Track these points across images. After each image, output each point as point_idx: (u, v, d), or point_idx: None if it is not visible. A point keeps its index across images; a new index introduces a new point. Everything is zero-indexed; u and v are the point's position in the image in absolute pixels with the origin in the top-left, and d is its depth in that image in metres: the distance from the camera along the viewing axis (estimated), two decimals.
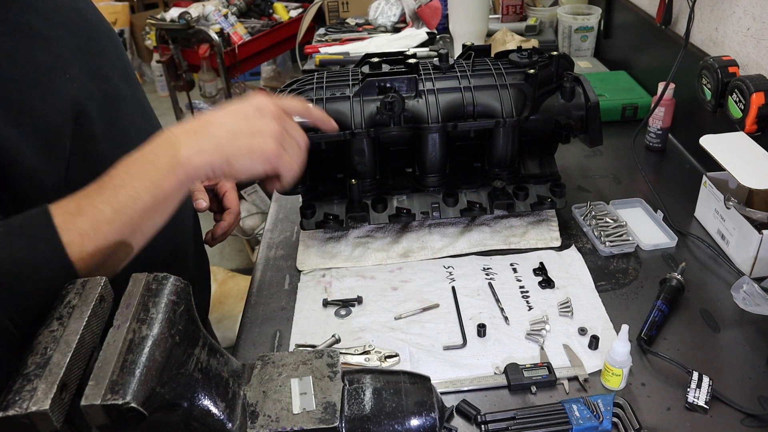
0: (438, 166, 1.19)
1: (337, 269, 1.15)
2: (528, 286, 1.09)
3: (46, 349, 0.57)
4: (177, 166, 0.71)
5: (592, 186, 1.37)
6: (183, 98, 3.46)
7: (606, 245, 1.15)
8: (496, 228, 1.22)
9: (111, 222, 0.67)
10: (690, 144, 1.46)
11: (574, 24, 1.97)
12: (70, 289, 0.63)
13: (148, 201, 0.69)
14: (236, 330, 1.05)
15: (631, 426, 0.82)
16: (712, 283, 1.08)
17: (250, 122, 0.76)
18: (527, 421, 0.83)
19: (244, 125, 0.75)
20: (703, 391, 0.86)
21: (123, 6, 5.01)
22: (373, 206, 1.19)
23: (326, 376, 0.68)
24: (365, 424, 0.67)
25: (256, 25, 3.32)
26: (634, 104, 1.61)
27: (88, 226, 0.66)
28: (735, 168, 1.05)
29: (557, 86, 1.18)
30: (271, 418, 0.64)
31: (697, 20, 1.42)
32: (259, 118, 0.77)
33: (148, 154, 0.72)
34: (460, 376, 0.92)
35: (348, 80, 1.15)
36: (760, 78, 1.13)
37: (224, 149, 0.73)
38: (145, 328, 0.59)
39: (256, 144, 0.75)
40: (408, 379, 0.72)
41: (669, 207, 1.25)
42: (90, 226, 0.66)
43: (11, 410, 0.52)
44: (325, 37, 2.30)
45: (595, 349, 0.95)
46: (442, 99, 1.12)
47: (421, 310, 1.04)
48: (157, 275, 0.65)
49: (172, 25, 3.02)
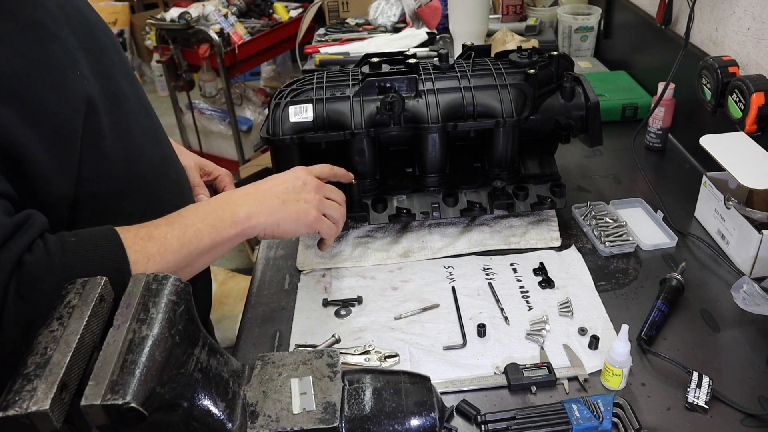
0: (438, 166, 1.19)
1: (337, 269, 1.15)
2: (528, 286, 1.09)
3: (46, 349, 0.57)
4: (236, 221, 0.85)
5: (592, 186, 1.37)
6: (183, 98, 3.46)
7: (606, 245, 1.15)
8: (496, 228, 1.22)
9: (176, 253, 0.78)
10: (690, 144, 1.46)
11: (574, 24, 1.97)
12: (70, 289, 0.63)
13: (207, 243, 0.82)
14: (236, 330, 1.05)
15: (631, 426, 0.82)
16: (712, 283, 1.08)
17: (296, 193, 0.93)
18: (527, 421, 0.83)
19: (291, 196, 0.92)
20: (703, 391, 0.86)
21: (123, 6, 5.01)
22: (373, 206, 1.19)
23: (326, 376, 0.68)
24: (365, 424, 0.67)
25: (256, 25, 3.31)
26: (634, 104, 1.61)
27: (155, 251, 0.76)
28: (735, 168, 1.05)
29: (557, 86, 1.18)
30: (271, 418, 0.64)
31: (697, 20, 1.42)
32: (302, 190, 0.93)
33: (213, 206, 0.86)
34: (460, 376, 0.92)
35: (348, 80, 1.15)
36: (760, 78, 1.13)
37: (275, 214, 0.89)
38: (145, 328, 0.59)
39: (301, 211, 0.92)
40: (408, 379, 0.72)
41: (669, 207, 1.25)
42: (157, 252, 0.76)
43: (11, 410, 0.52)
44: (325, 37, 2.30)
45: (595, 349, 0.95)
46: (442, 99, 1.12)
47: (421, 310, 1.04)
48: (157, 275, 0.65)
49: (172, 25, 3.02)
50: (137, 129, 0.91)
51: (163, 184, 0.96)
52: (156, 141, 0.97)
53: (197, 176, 1.11)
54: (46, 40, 0.77)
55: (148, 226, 0.79)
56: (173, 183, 0.99)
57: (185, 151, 1.13)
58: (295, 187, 0.93)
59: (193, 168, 1.11)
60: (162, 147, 0.98)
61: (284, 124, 1.10)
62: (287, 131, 1.10)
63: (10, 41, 0.73)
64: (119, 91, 0.89)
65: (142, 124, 0.93)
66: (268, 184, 0.93)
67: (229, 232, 0.84)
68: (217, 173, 1.16)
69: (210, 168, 1.15)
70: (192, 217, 0.83)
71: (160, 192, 0.95)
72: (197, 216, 0.83)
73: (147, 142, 0.93)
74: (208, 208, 0.85)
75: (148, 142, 0.94)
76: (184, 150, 1.13)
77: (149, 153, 0.93)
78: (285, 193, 0.92)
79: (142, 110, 0.95)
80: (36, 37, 0.76)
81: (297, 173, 0.96)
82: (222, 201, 0.88)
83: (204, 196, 1.09)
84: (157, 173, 0.94)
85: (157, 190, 0.94)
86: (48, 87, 0.75)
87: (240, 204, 0.87)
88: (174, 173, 1.00)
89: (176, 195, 1.00)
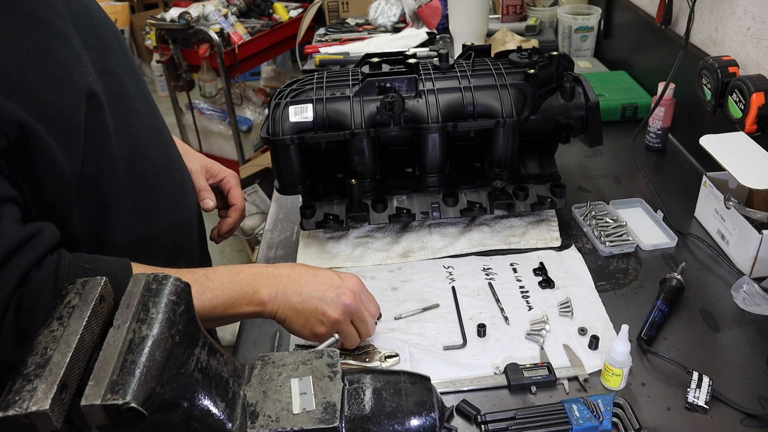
0: (438, 166, 1.19)
1: (337, 269, 1.15)
2: (528, 286, 1.09)
3: (46, 349, 0.57)
4: (254, 301, 0.83)
5: (592, 186, 1.37)
6: (183, 98, 3.45)
7: (606, 245, 1.15)
8: (496, 228, 1.22)
9: None
10: (690, 144, 1.46)
11: (574, 24, 1.97)
12: (70, 289, 0.63)
13: (219, 313, 0.81)
14: (236, 330, 1.05)
15: (631, 426, 0.82)
16: (712, 283, 1.08)
17: (320, 301, 0.85)
18: (527, 421, 0.83)
19: (314, 302, 0.85)
20: (703, 391, 0.86)
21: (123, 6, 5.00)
22: (373, 206, 1.19)
23: (326, 376, 0.68)
24: (365, 424, 0.67)
25: (256, 25, 3.31)
26: (634, 104, 1.61)
27: None
28: (735, 168, 1.05)
29: (557, 86, 1.18)
30: (271, 418, 0.64)
31: (697, 20, 1.42)
32: (330, 302, 0.85)
33: (242, 277, 0.84)
34: (460, 376, 0.92)
35: (348, 80, 1.15)
36: (760, 78, 1.13)
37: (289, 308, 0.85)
38: (145, 328, 0.59)
39: (312, 321, 0.85)
40: (408, 379, 0.72)
41: (669, 207, 1.25)
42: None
43: (11, 410, 0.52)
44: (325, 37, 2.29)
45: (595, 349, 0.95)
46: (442, 99, 1.12)
47: (421, 310, 1.04)
48: (157, 275, 0.65)
49: (172, 25, 3.02)
50: (141, 128, 0.91)
51: (166, 184, 0.96)
52: (160, 141, 0.96)
53: (203, 180, 1.10)
54: (50, 36, 0.77)
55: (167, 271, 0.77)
56: (176, 184, 0.99)
57: (191, 153, 1.12)
58: (325, 297, 0.86)
59: (199, 171, 1.10)
60: (166, 147, 0.98)
61: (284, 124, 1.10)
62: (287, 131, 1.10)
63: (14, 37, 0.73)
64: (123, 89, 0.88)
65: (146, 123, 0.93)
66: (306, 276, 0.87)
67: (244, 309, 0.83)
68: (222, 175, 1.15)
69: (216, 170, 1.14)
70: (216, 281, 0.82)
71: (162, 192, 0.95)
72: (221, 282, 0.82)
73: (151, 142, 0.93)
74: (234, 279, 0.83)
75: (152, 142, 0.93)
76: (190, 151, 1.12)
77: (152, 153, 0.93)
78: (311, 295, 0.85)
79: (147, 109, 0.95)
80: (40, 33, 0.76)
81: (344, 284, 0.88)
82: (251, 276, 0.85)
83: (210, 200, 1.08)
84: (159, 173, 0.94)
85: (158, 189, 0.94)
86: (52, 83, 0.75)
87: (266, 286, 0.84)
88: (177, 174, 1.00)
89: (178, 196, 0.99)
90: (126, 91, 0.89)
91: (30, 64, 0.73)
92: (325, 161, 1.22)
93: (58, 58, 0.77)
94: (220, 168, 1.15)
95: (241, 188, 1.17)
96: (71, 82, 0.77)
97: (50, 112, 0.74)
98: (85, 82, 0.79)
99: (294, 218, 1.30)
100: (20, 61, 0.72)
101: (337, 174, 1.24)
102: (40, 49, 0.75)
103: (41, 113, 0.73)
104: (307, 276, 0.87)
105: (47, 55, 0.76)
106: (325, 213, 1.19)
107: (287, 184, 1.18)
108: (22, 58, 0.73)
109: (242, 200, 1.13)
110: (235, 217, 1.10)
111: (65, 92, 0.76)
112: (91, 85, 0.80)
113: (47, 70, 0.75)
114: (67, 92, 0.76)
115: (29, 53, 0.74)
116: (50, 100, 0.74)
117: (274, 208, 1.36)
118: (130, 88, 0.90)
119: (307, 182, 1.20)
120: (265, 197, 3.01)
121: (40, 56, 0.75)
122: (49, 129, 0.73)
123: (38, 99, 0.73)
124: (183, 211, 1.01)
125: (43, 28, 0.77)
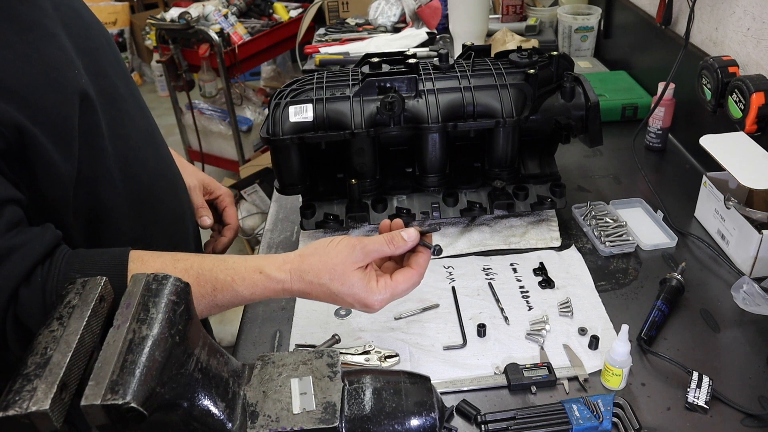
0: (438, 166, 1.19)
1: None
2: (528, 286, 1.09)
3: (46, 349, 0.57)
4: (283, 291, 0.80)
5: (592, 186, 1.37)
6: (183, 98, 3.45)
7: (606, 245, 1.15)
8: (496, 228, 1.22)
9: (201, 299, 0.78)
10: (690, 144, 1.46)
11: (574, 24, 1.97)
12: (70, 289, 0.63)
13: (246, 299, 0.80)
14: (236, 330, 1.05)
15: (631, 426, 0.82)
16: (712, 283, 1.08)
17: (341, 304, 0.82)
18: (527, 421, 0.83)
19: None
20: (703, 391, 0.86)
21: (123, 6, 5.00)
22: (373, 206, 1.19)
23: (326, 376, 0.68)
24: (365, 424, 0.67)
25: (256, 25, 3.31)
26: (634, 104, 1.61)
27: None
28: (735, 168, 1.05)
29: (557, 86, 1.18)
30: (271, 418, 0.64)
31: (697, 20, 1.42)
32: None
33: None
34: (460, 376, 0.92)
35: (348, 80, 1.15)
36: (760, 78, 1.13)
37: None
38: (145, 328, 0.59)
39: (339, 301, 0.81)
40: (408, 379, 0.72)
41: (669, 207, 1.25)
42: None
43: (11, 410, 0.52)
44: (325, 37, 2.29)
45: (595, 349, 0.95)
46: (442, 99, 1.12)
47: (421, 310, 1.04)
48: (157, 275, 0.64)
49: (172, 25, 3.02)
50: (133, 129, 0.91)
51: (159, 184, 0.96)
52: (151, 141, 0.97)
53: (200, 197, 1.11)
54: (42, 39, 0.77)
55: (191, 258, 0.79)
56: (169, 184, 0.99)
57: (189, 168, 1.12)
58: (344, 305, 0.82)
59: (196, 188, 1.10)
60: (157, 148, 0.98)
61: (284, 124, 1.10)
62: (287, 131, 1.10)
63: (6, 41, 0.73)
64: (115, 91, 0.89)
65: (137, 124, 0.93)
66: (334, 285, 0.79)
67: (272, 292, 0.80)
68: (218, 192, 1.15)
69: (212, 187, 1.15)
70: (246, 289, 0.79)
71: (156, 192, 0.95)
72: (253, 288, 0.79)
73: (143, 143, 0.93)
74: (257, 275, 0.80)
75: (144, 143, 0.94)
76: (187, 166, 1.12)
77: (145, 153, 0.93)
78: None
79: (139, 111, 0.95)
80: (32, 36, 0.76)
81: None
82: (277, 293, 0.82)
83: (207, 218, 1.08)
84: (152, 174, 0.94)
85: (152, 190, 0.94)
86: (46, 85, 0.75)
87: (288, 286, 0.80)
88: (170, 174, 1.00)
89: (171, 196, 1.00)
90: (117, 92, 0.89)
91: (23, 67, 0.73)
92: (325, 161, 1.22)
93: (50, 61, 0.77)
94: (216, 185, 1.16)
95: (242, 188, 1.17)
96: (65, 84, 0.77)
97: (45, 115, 0.74)
98: (78, 84, 0.79)
99: (294, 218, 1.30)
100: (13, 64, 0.72)
101: (337, 174, 1.24)
102: (33, 52, 0.75)
103: (37, 116, 0.73)
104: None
105: (40, 57, 0.76)
106: (325, 213, 1.19)
107: (287, 184, 1.18)
108: (15, 62, 0.73)
109: (236, 220, 1.15)
110: (230, 236, 1.12)
111: (59, 94, 0.76)
112: (84, 86, 0.80)
113: (41, 73, 0.75)
114: (61, 94, 0.76)
115: (22, 56, 0.74)
116: (45, 103, 0.74)
117: (274, 208, 1.37)
118: (122, 89, 0.91)
119: (307, 182, 1.20)
120: (265, 197, 3.01)
121: (32, 59, 0.75)
122: (44, 131, 0.73)
123: (33, 102, 0.73)
124: (177, 211, 1.01)
125: (35, 31, 0.77)
